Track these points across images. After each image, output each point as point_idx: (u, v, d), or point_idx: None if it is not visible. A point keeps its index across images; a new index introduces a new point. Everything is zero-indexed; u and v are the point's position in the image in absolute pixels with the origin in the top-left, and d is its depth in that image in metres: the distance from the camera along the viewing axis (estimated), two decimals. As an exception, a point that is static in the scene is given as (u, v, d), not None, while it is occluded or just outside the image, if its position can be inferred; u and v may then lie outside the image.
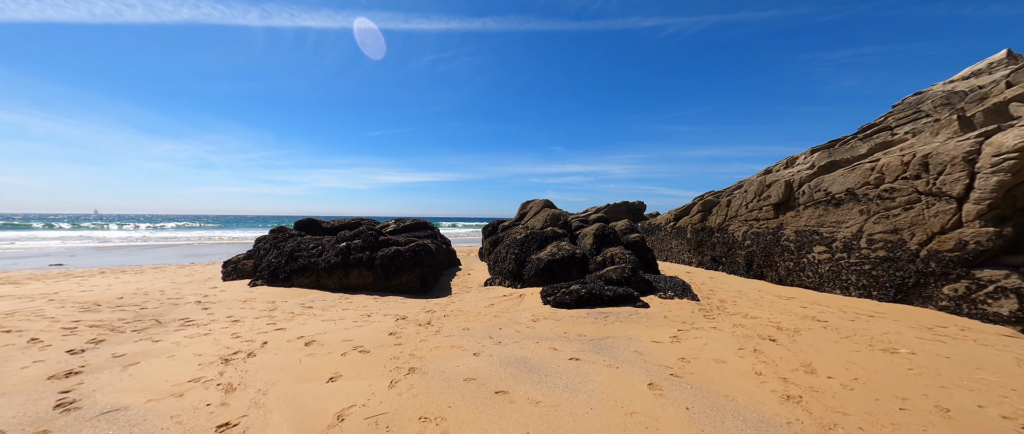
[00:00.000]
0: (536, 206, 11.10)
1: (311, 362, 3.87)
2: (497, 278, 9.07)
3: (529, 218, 10.90)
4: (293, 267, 8.40)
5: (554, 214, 9.94)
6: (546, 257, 8.03)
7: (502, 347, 4.34)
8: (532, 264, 8.15)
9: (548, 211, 10.18)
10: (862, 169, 7.15)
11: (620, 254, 7.59)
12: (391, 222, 12.00)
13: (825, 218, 7.82)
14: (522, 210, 12.54)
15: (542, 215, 10.21)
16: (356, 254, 8.25)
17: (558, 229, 9.28)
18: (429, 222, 12.57)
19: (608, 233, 8.56)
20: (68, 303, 6.66)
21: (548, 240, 8.95)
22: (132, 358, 3.94)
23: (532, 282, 8.09)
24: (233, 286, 8.65)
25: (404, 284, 8.25)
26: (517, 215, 12.72)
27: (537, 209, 10.91)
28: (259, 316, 5.92)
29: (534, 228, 9.86)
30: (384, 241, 8.66)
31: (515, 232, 9.62)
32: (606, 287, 6.51)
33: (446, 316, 5.97)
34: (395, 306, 6.81)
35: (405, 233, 11.31)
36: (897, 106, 11.18)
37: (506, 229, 11.81)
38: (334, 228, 10.50)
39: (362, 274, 8.19)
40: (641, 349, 4.22)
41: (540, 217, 10.17)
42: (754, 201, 9.82)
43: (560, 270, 8.02)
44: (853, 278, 7.09)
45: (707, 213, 12.08)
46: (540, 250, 8.68)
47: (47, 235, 27.28)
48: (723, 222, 11.15)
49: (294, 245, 8.76)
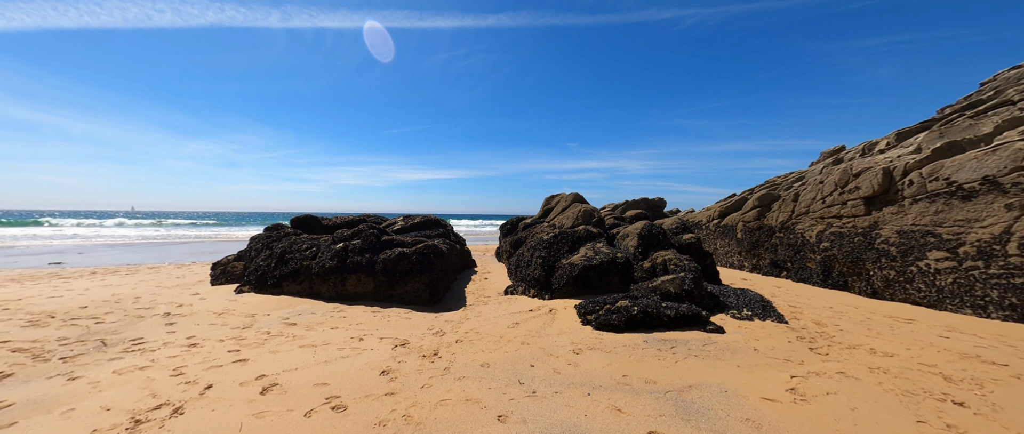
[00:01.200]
0: (564, 200, 9.69)
1: (256, 427, 2.61)
2: (520, 285, 7.72)
3: (556, 215, 9.50)
4: (283, 271, 7.28)
5: (586, 210, 8.51)
6: (581, 262, 6.63)
7: (538, 402, 2.99)
8: (563, 270, 6.76)
9: (579, 207, 8.76)
10: (1011, 151, 5.41)
11: (675, 260, 6.11)
12: (399, 219, 10.82)
13: (946, 215, 6.10)
14: (546, 205, 11.13)
15: (572, 211, 8.78)
16: (354, 257, 7.06)
17: (592, 228, 7.84)
18: (441, 219, 11.33)
19: (656, 233, 7.07)
20: (19, 314, 5.70)
21: (581, 241, 7.53)
22: (12, 415, 2.78)
23: (563, 292, 6.71)
24: (217, 292, 7.61)
25: (410, 293, 7.01)
26: (541, 211, 11.33)
27: (566, 204, 9.49)
28: (226, 337, 4.77)
29: (563, 226, 8.45)
30: (387, 242, 7.44)
31: (540, 231, 8.23)
32: (663, 304, 5.06)
33: (459, 341, 4.67)
34: (396, 324, 5.56)
35: (413, 231, 10.10)
36: (989, 83, 9.19)
37: (528, 227, 10.44)
38: (334, 226, 9.40)
39: (361, 281, 6.99)
40: (752, 414, 2.78)
41: (570, 214, 8.75)
42: (834, 194, 8.10)
43: (598, 279, 6.60)
44: (994, 294, 5.39)
45: (765, 209, 10.35)
46: (572, 253, 7.28)
47: (68, 232, 27.65)
48: (788, 220, 9.43)
49: (286, 246, 7.65)
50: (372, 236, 7.38)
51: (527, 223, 10.75)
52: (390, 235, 7.89)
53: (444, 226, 11.14)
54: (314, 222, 9.55)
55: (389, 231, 9.00)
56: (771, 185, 11.68)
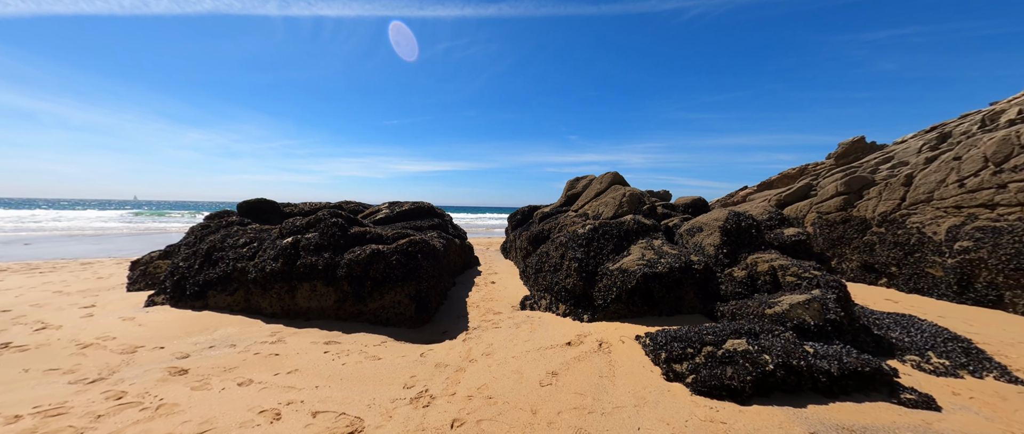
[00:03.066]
0: (599, 182, 7.49)
1: None
2: (543, 297, 5.61)
3: (587, 201, 7.34)
4: (209, 276, 5.18)
5: (633, 194, 6.35)
6: (638, 268, 4.50)
7: None
8: (611, 280, 4.63)
9: (621, 190, 6.59)
10: None
11: (794, 268, 3.98)
12: (383, 206, 8.68)
13: None
14: (571, 190, 8.97)
15: (612, 196, 6.61)
16: (307, 257, 4.93)
17: (643, 218, 5.69)
18: (436, 208, 9.17)
19: (748, 226, 4.92)
20: None
21: (630, 237, 5.39)
22: None
23: (612, 311, 4.60)
24: (120, 304, 5.52)
25: (388, 309, 4.90)
26: (563, 197, 9.16)
27: (601, 187, 7.30)
28: (70, 397, 2.68)
29: (601, 216, 6.30)
30: (357, 236, 5.31)
31: (568, 222, 6.08)
32: (808, 348, 2.94)
33: (458, 422, 2.55)
34: (356, 371, 3.46)
35: (401, 222, 7.98)
36: None
37: (548, 218, 8.30)
38: (299, 214, 7.24)
39: (317, 291, 4.87)
40: None
41: (609, 200, 6.57)
42: (983, 175, 5.89)
43: (665, 293, 4.48)
44: None
45: (854, 196, 8.15)
46: (619, 254, 5.15)
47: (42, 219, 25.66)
48: (893, 210, 7.24)
49: (217, 240, 5.52)
50: (335, 228, 5.24)
51: (545, 212, 8.62)
52: (364, 226, 5.76)
53: (440, 216, 8.99)
54: (270, 209, 7.41)
55: (367, 222, 6.87)
56: (852, 163, 9.45)
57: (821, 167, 20.91)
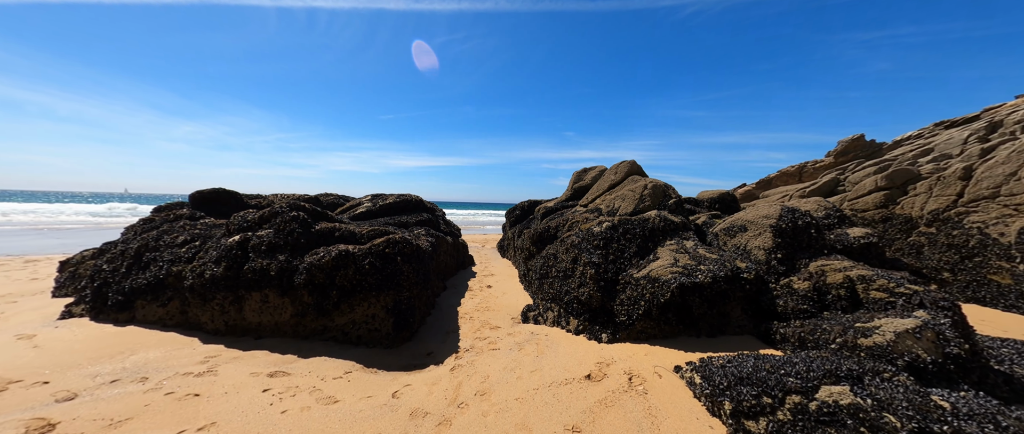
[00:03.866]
0: (614, 173, 6.49)
1: None
2: (550, 308, 4.68)
3: (601, 194, 6.36)
4: (137, 283, 4.18)
5: (657, 187, 5.39)
6: (671, 276, 3.58)
7: None
8: (638, 291, 3.71)
9: (642, 181, 5.62)
10: None
11: (882, 281, 3.06)
12: (364, 199, 7.67)
13: None
14: (578, 182, 7.97)
15: (631, 188, 5.65)
16: (258, 260, 3.95)
17: (671, 215, 4.76)
18: (426, 202, 8.18)
19: (804, 225, 4.00)
20: None
21: (656, 236, 4.47)
22: None
23: (639, 330, 3.68)
24: (30, 315, 4.53)
25: (359, 325, 3.95)
26: (570, 190, 8.18)
27: (617, 177, 6.30)
28: None
29: (618, 212, 5.36)
30: (324, 234, 4.33)
31: (579, 219, 5.13)
32: (934, 399, 2.01)
33: None
34: (300, 423, 2.48)
35: (385, 217, 6.98)
36: None
37: (552, 213, 7.34)
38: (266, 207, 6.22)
39: (270, 302, 3.90)
40: None
41: (628, 193, 5.61)
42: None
43: (706, 308, 3.57)
44: None
45: (898, 192, 7.28)
46: (645, 257, 4.22)
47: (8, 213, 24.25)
48: (948, 207, 6.39)
49: (151, 237, 4.52)
50: (294, 223, 4.25)
51: (549, 207, 7.66)
52: (333, 221, 4.78)
53: (430, 210, 8.00)
54: (230, 201, 6.39)
55: (342, 217, 5.89)
56: (875, 154, 8.59)
57: (821, 164, 20.15)
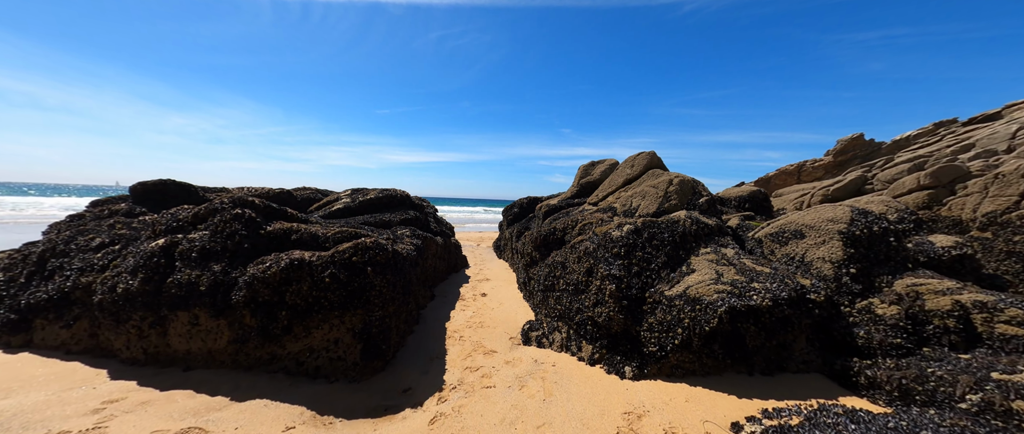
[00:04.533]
0: (630, 167, 5.58)
1: None
2: (556, 327, 3.86)
3: (614, 191, 5.47)
4: (36, 297, 3.30)
5: (685, 182, 4.53)
6: (718, 296, 2.77)
7: None
8: (672, 313, 2.90)
9: (664, 175, 4.75)
10: None
11: (1017, 312, 2.22)
12: (343, 194, 6.76)
13: None
14: (585, 177, 7.07)
15: (649, 185, 4.79)
16: (187, 270, 3.07)
17: (704, 217, 3.94)
18: (413, 198, 7.29)
19: (880, 231, 3.18)
20: None
21: (688, 243, 3.65)
22: None
23: (673, 364, 2.88)
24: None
25: (318, 352, 3.11)
26: (575, 185, 7.27)
27: (634, 172, 5.39)
28: None
29: (636, 211, 4.52)
30: (276, 237, 3.46)
31: (591, 220, 4.29)
32: None
33: None
34: None
35: (365, 215, 6.09)
36: None
37: (555, 213, 6.48)
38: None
39: (201, 325, 3.04)
40: None
41: (646, 189, 4.76)
42: None
43: (765, 338, 2.74)
44: None
45: (945, 191, 6.51)
46: (675, 269, 3.41)
47: None
48: (1008, 209, 5.63)
49: (61, 240, 3.61)
50: (236, 223, 3.37)
51: (552, 205, 6.80)
52: (291, 221, 3.90)
53: (418, 208, 7.12)
54: (181, 194, 5.47)
55: (309, 216, 5.02)
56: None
57: (820, 163, 19.52)
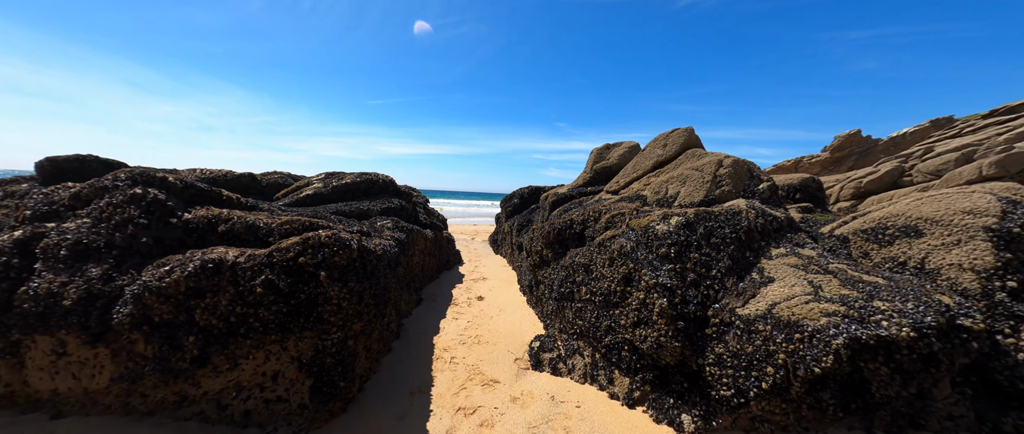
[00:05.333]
0: (660, 146, 4.60)
1: None
2: (577, 349, 2.95)
3: (641, 175, 4.50)
4: None
5: (739, 164, 3.60)
6: (825, 320, 1.84)
7: None
8: (752, 341, 2.00)
9: (709, 157, 3.79)
10: None
11: None
12: (313, 179, 5.74)
13: None
14: (600, 161, 6.07)
15: (691, 167, 3.84)
16: (50, 276, 2.05)
17: (771, 209, 3.02)
18: (398, 185, 6.28)
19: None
20: None
21: (754, 241, 2.73)
22: None
23: (754, 412, 1.94)
24: None
25: (249, 391, 2.15)
26: (588, 171, 6.28)
27: (667, 153, 4.40)
28: None
29: (673, 200, 3.59)
30: (193, 228, 2.45)
31: (625, 210, 3.33)
32: None
33: None
34: None
35: (334, 204, 5.09)
36: None
37: (564, 202, 5.54)
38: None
39: (70, 353, 2.05)
40: None
41: (687, 173, 3.79)
42: None
43: (901, 383, 1.81)
44: None
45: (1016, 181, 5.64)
46: (744, 276, 2.48)
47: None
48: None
49: None
50: (132, 207, 2.37)
51: (561, 194, 5.83)
52: (222, 208, 2.90)
53: (403, 196, 6.12)
54: (102, 171, 4.40)
55: (252, 202, 4.05)
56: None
57: (817, 159, 18.94)
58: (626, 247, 2.77)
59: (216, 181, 5.55)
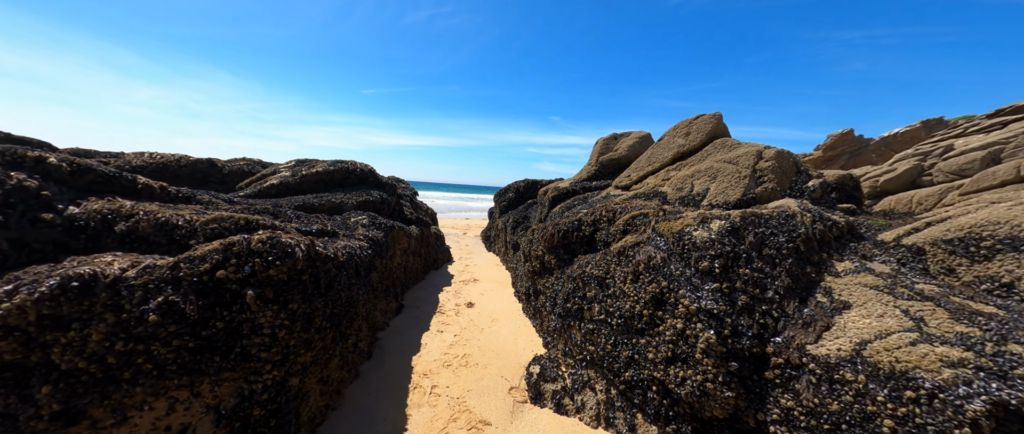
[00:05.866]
0: (682, 135, 4.00)
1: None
2: (586, 380, 2.38)
3: (658, 169, 3.91)
4: None
5: (784, 157, 3.03)
6: (944, 372, 1.30)
7: None
8: (833, 392, 1.51)
9: (743, 148, 3.25)
10: None
11: None
12: (281, 167, 5.03)
13: None
14: (606, 152, 5.45)
15: (723, 160, 3.27)
16: None
17: (830, 213, 2.43)
18: (380, 176, 5.60)
19: None
20: None
21: (813, 253, 2.12)
22: None
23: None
24: None
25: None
26: (594, 165, 5.64)
27: (691, 142, 3.78)
28: None
29: (701, 199, 3.01)
30: (76, 226, 1.79)
31: (650, 212, 2.71)
32: None
33: None
34: None
35: (302, 196, 4.41)
36: None
37: (566, 197, 4.94)
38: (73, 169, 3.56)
39: None
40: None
41: (718, 165, 3.23)
42: None
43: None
44: None
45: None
46: (807, 298, 1.88)
47: None
48: None
49: None
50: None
51: (563, 188, 5.21)
52: (126, 199, 2.23)
53: (385, 188, 5.44)
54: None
55: (180, 191, 3.40)
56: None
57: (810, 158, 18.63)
58: (655, 259, 2.17)
59: (166, 167, 4.83)
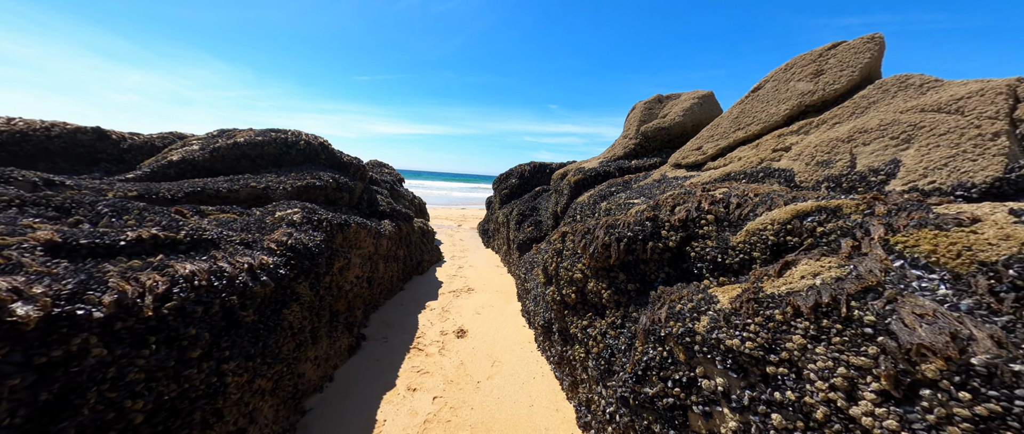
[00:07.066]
0: (812, 81, 2.57)
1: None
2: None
3: (754, 136, 2.48)
4: None
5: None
6: None
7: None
8: None
9: (967, 88, 1.86)
10: None
11: None
12: (191, 139, 3.56)
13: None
14: (649, 121, 3.93)
15: (923, 106, 1.86)
16: None
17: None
18: (338, 153, 4.10)
19: None
20: None
21: None
22: None
23: None
24: None
25: None
26: (633, 136, 4.10)
27: (840, 87, 2.31)
28: None
29: (877, 173, 1.60)
30: None
31: (848, 208, 1.24)
32: None
33: None
34: None
35: (213, 179, 2.99)
36: None
37: (598, 185, 3.55)
38: None
39: None
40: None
41: (912, 117, 1.85)
42: None
43: None
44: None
45: None
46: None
47: None
48: None
49: None
50: None
51: (591, 169, 3.76)
52: None
53: (343, 169, 3.98)
54: None
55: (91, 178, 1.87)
56: None
57: None
58: (939, 331, 0.77)
59: (26, 137, 3.36)
